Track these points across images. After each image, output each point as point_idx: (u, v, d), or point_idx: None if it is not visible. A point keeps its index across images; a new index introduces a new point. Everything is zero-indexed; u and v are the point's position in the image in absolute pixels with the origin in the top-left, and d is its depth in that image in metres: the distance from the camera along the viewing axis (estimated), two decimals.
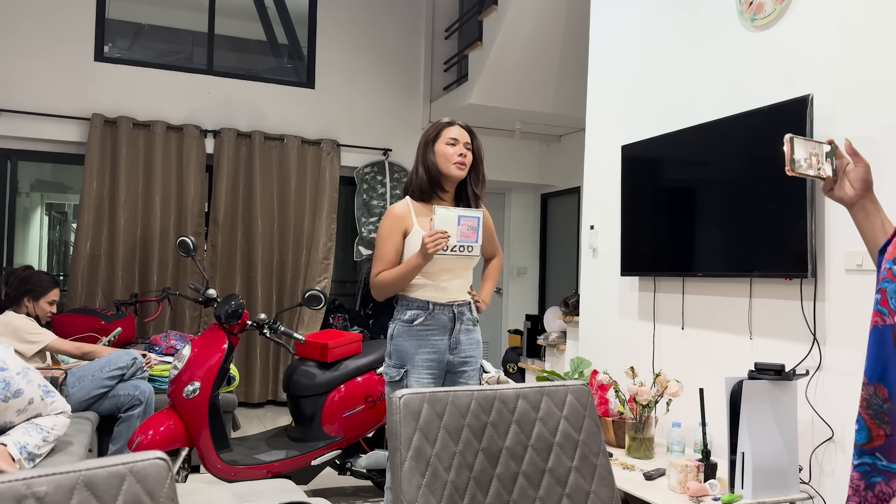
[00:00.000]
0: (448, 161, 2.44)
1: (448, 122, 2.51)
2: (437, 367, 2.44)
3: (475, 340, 2.51)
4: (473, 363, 2.48)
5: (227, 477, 3.02)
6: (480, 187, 2.53)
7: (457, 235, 2.36)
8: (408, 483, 1.25)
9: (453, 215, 2.35)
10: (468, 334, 2.47)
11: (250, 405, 5.81)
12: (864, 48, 2.50)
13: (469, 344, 2.48)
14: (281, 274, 5.95)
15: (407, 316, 2.44)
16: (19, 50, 5.34)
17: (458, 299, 2.46)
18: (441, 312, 2.43)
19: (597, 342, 3.83)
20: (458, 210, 2.36)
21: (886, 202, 2.41)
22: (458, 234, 2.36)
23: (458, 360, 2.46)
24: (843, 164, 1.36)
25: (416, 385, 2.41)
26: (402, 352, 2.44)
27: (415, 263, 2.35)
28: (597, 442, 1.49)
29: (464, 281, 2.49)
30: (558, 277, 7.01)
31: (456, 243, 2.36)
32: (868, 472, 1.15)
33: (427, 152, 2.49)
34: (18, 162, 5.57)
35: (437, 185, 2.48)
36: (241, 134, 5.83)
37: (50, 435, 2.44)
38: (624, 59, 3.71)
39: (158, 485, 0.94)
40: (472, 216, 2.37)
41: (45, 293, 3.65)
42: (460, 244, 2.37)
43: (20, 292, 3.61)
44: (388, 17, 6.49)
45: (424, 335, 2.42)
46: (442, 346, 2.42)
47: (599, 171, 3.86)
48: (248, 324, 3.25)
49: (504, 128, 6.57)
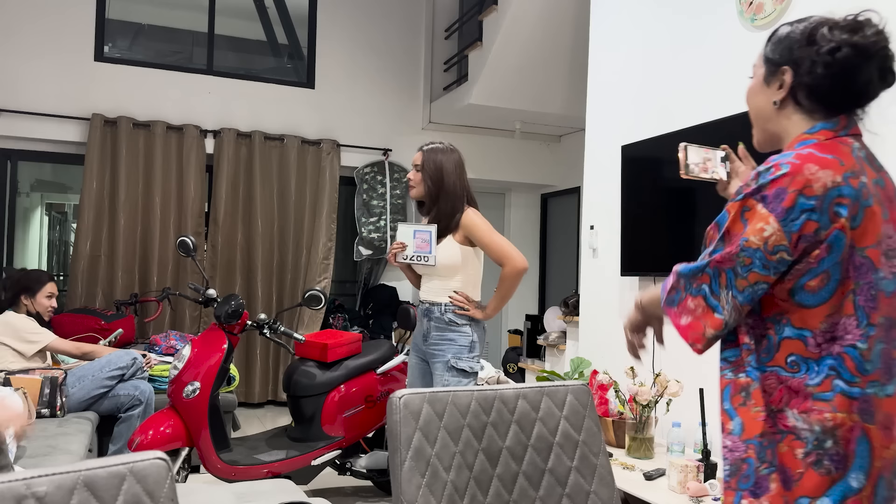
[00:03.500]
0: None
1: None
2: (419, 351, 2.84)
3: (447, 339, 2.72)
4: (439, 356, 2.71)
5: (227, 477, 3.02)
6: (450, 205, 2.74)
7: (413, 247, 2.75)
8: (408, 483, 1.25)
9: (409, 230, 2.76)
10: (439, 332, 2.73)
11: (250, 405, 5.81)
12: None
13: (439, 339, 2.73)
14: (281, 274, 5.95)
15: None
16: (19, 50, 5.34)
17: (428, 299, 2.79)
18: (421, 307, 2.84)
19: (597, 342, 3.83)
20: (414, 225, 2.76)
21: None
22: (415, 246, 2.74)
23: (428, 351, 2.77)
24: (736, 168, 1.54)
25: (410, 362, 2.89)
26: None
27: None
28: (597, 442, 1.49)
29: (435, 284, 2.78)
30: (558, 277, 7.01)
31: (413, 254, 2.75)
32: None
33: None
34: (18, 162, 5.57)
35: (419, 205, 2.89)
36: (241, 134, 5.83)
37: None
38: (624, 59, 3.71)
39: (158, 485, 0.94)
40: (425, 230, 2.72)
41: (40, 288, 3.65)
42: (416, 255, 2.74)
43: (16, 291, 3.61)
44: (387, 17, 6.49)
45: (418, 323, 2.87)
46: (420, 333, 2.81)
47: (599, 171, 3.86)
48: (248, 324, 3.24)
49: (504, 128, 6.57)
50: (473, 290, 2.77)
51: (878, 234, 1.20)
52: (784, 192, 1.16)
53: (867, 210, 1.18)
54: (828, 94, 1.26)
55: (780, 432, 1.20)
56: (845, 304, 1.18)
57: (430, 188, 2.75)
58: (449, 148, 2.79)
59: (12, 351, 3.42)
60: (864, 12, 1.25)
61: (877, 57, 1.23)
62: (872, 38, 1.22)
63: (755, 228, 1.18)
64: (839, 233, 1.16)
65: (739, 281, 1.20)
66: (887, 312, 1.22)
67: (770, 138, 1.35)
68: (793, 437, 1.19)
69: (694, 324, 1.26)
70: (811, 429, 1.18)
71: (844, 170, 1.19)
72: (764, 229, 1.17)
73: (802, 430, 1.18)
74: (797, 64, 1.26)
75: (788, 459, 1.19)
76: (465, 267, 2.74)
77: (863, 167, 1.22)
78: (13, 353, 3.42)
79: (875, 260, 1.19)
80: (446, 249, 2.72)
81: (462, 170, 2.79)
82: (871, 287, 1.19)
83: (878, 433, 1.19)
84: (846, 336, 1.17)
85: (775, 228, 1.16)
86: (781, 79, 1.29)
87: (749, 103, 1.37)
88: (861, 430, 1.17)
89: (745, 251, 1.19)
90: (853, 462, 1.17)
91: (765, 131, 1.35)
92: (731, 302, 1.21)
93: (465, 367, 2.68)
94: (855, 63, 1.22)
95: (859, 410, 1.17)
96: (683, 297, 1.27)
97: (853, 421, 1.17)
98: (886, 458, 1.19)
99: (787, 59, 1.28)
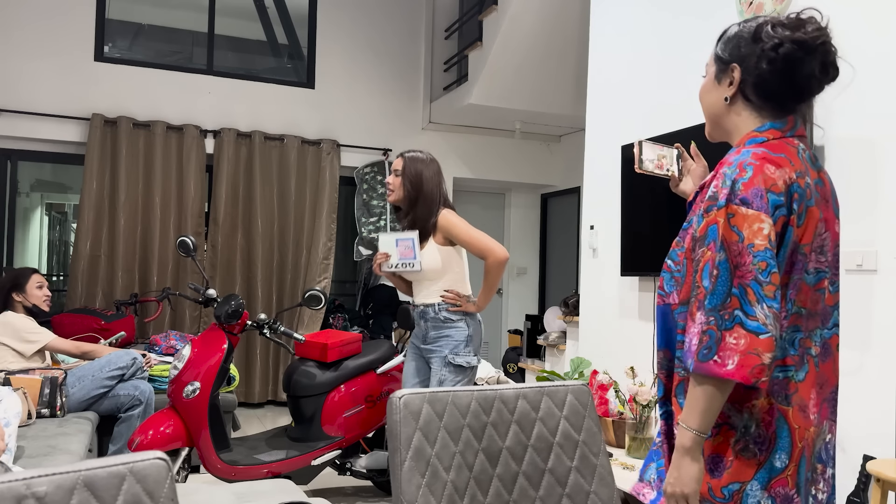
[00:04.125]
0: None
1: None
2: (417, 351, 2.95)
3: (444, 335, 2.83)
4: (437, 352, 2.82)
5: (227, 477, 3.02)
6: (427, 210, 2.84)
7: (397, 255, 2.83)
8: (408, 483, 1.25)
9: (391, 239, 2.84)
10: (437, 330, 2.84)
11: (250, 405, 5.81)
12: (864, 48, 2.50)
13: (437, 337, 2.84)
14: (281, 274, 5.95)
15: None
16: (19, 50, 5.34)
17: (422, 302, 2.90)
18: (416, 310, 2.93)
19: (597, 342, 3.83)
20: (395, 234, 2.83)
21: (887, 202, 2.41)
22: (399, 254, 2.83)
23: (427, 349, 2.88)
24: (688, 165, 1.62)
25: (406, 362, 2.99)
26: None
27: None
28: (597, 442, 1.50)
29: (424, 287, 2.88)
30: (558, 277, 7.01)
31: (398, 262, 2.84)
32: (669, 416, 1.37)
33: None
34: (18, 162, 5.57)
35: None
36: (241, 134, 5.83)
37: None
38: (624, 59, 3.71)
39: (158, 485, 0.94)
40: (406, 238, 2.80)
41: (26, 281, 3.65)
42: (402, 262, 2.83)
43: (5, 293, 3.61)
44: (387, 17, 6.49)
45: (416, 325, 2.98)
46: (419, 335, 2.92)
47: (599, 171, 3.86)
48: (248, 324, 3.24)
49: (504, 128, 6.57)
50: (462, 285, 2.89)
51: (814, 233, 1.27)
52: (761, 191, 1.21)
53: (809, 210, 1.25)
54: (772, 89, 1.30)
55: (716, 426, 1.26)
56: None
57: (409, 192, 2.86)
58: (429, 158, 2.91)
59: (12, 351, 3.42)
60: (806, 10, 1.30)
61: (818, 51, 1.27)
62: (813, 33, 1.27)
63: (754, 231, 1.20)
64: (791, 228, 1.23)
65: (766, 288, 1.18)
66: (806, 303, 1.28)
67: (721, 133, 1.41)
68: (727, 427, 1.26)
69: (746, 360, 1.15)
70: (741, 417, 1.25)
71: (794, 169, 1.25)
72: (762, 228, 1.20)
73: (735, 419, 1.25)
74: (744, 61, 1.31)
75: (722, 448, 1.26)
76: (450, 266, 2.85)
77: (807, 168, 1.28)
78: (13, 353, 3.43)
79: (808, 257, 1.27)
80: (429, 253, 2.82)
81: (440, 177, 2.91)
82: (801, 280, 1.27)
83: (797, 415, 1.26)
84: None
85: (770, 224, 1.20)
86: (731, 76, 1.34)
87: (702, 100, 1.42)
88: (778, 412, 1.24)
89: (758, 255, 1.18)
90: (776, 443, 1.24)
91: (717, 126, 1.40)
92: (769, 314, 1.17)
93: (461, 362, 2.77)
94: (797, 57, 1.27)
95: (773, 392, 1.25)
96: (720, 338, 1.17)
97: (770, 403, 1.24)
98: (806, 440, 1.26)
99: (735, 56, 1.33)
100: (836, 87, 2.56)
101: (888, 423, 2.36)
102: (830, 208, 1.32)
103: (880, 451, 2.38)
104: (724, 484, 1.24)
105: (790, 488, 1.24)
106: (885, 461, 2.12)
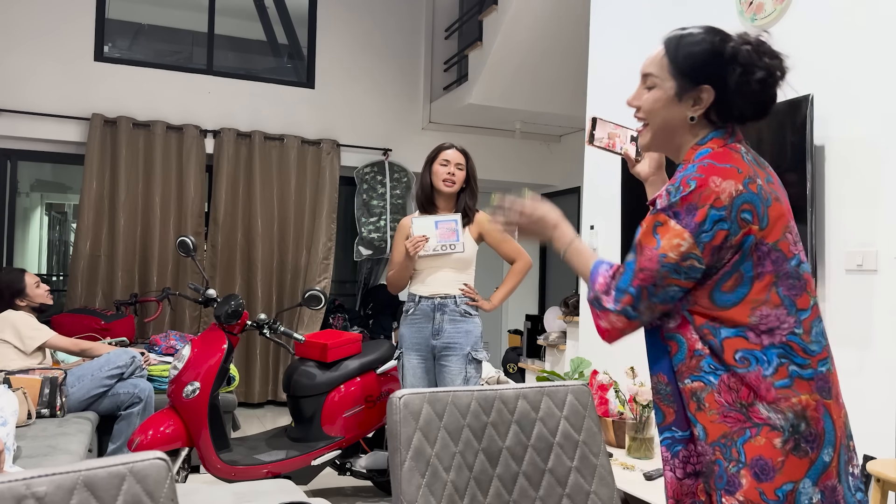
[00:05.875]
0: (439, 178, 2.87)
1: (447, 145, 2.95)
2: (424, 350, 2.84)
3: (463, 330, 2.79)
4: (457, 349, 2.78)
5: (227, 477, 3.02)
6: (474, 202, 2.96)
7: (437, 237, 2.78)
8: (408, 483, 1.25)
9: (429, 222, 2.80)
10: (454, 324, 2.79)
11: (250, 405, 5.80)
12: (865, 48, 2.50)
13: (455, 332, 2.79)
14: (281, 274, 5.95)
15: (405, 307, 2.92)
16: (19, 50, 5.33)
17: (440, 292, 2.82)
18: (425, 303, 2.82)
19: (597, 342, 3.83)
20: (434, 217, 2.81)
21: (887, 202, 2.41)
22: (438, 237, 2.79)
23: (441, 346, 2.80)
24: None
25: (408, 364, 2.87)
26: (401, 336, 2.93)
27: (399, 260, 2.88)
28: (597, 442, 1.49)
29: (449, 277, 2.84)
30: (558, 277, 7.01)
31: (437, 244, 2.78)
32: (671, 444, 1.35)
33: (425, 171, 2.95)
34: (18, 162, 5.57)
35: (431, 199, 2.91)
36: (240, 134, 5.83)
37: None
38: (624, 58, 3.71)
39: (158, 485, 0.94)
40: (449, 219, 2.78)
41: (22, 283, 3.65)
42: (442, 244, 2.78)
43: (6, 302, 3.61)
44: (388, 17, 6.49)
45: (414, 322, 2.87)
46: (426, 331, 2.82)
47: (599, 171, 3.86)
48: (248, 324, 3.24)
49: (504, 128, 6.56)
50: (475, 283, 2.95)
51: (784, 226, 1.29)
52: (695, 207, 1.23)
53: (769, 209, 1.26)
54: (743, 113, 1.32)
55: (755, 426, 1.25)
56: (771, 296, 1.25)
57: (470, 185, 2.95)
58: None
59: (13, 348, 3.43)
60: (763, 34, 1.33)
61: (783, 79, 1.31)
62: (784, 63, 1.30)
63: (672, 244, 1.25)
64: (748, 237, 1.24)
65: (657, 289, 1.27)
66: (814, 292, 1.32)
67: (669, 148, 1.40)
68: (768, 428, 1.24)
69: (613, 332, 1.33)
70: (785, 416, 1.24)
71: (743, 177, 1.26)
72: (680, 245, 1.24)
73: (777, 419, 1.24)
74: (718, 84, 1.30)
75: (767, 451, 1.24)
76: (474, 261, 2.92)
77: (755, 170, 1.29)
78: (14, 350, 3.43)
79: (786, 251, 1.28)
80: (468, 240, 2.88)
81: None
82: (789, 276, 1.27)
83: (835, 406, 1.27)
84: (783, 325, 1.25)
85: (690, 243, 1.24)
86: (699, 97, 1.33)
87: (654, 113, 1.39)
88: (824, 408, 1.25)
89: (665, 267, 1.25)
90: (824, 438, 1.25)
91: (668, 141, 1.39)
92: (649, 307, 1.29)
93: (481, 357, 2.83)
94: (776, 87, 1.31)
95: (818, 389, 1.25)
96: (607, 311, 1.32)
97: (816, 400, 1.25)
98: (840, 427, 1.28)
99: (705, 78, 1.31)
100: (837, 87, 2.56)
101: (888, 423, 2.36)
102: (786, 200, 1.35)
103: (880, 451, 2.38)
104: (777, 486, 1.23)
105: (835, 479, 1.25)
106: (885, 461, 2.12)
